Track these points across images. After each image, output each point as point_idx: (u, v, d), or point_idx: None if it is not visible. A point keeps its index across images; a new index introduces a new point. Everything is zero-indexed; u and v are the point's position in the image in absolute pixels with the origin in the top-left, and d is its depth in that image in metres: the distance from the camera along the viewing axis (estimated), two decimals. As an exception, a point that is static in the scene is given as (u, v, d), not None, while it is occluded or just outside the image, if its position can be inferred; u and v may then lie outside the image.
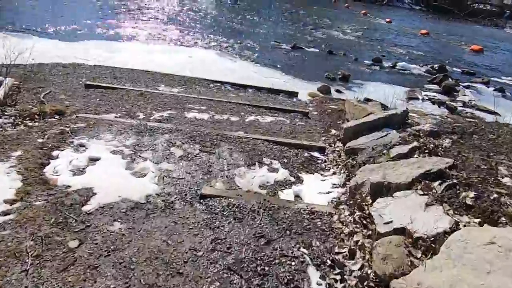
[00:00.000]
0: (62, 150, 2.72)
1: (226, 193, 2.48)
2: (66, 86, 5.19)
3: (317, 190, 2.72)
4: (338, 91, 7.60)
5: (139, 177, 2.55)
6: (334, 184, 2.82)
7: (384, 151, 2.79)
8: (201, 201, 2.38)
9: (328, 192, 2.67)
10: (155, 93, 5.15)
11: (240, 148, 3.37)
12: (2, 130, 2.92)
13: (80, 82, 5.40)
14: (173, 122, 4.13)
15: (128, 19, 11.45)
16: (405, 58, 12.18)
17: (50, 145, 2.74)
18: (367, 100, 6.65)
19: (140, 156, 2.88)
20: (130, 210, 2.17)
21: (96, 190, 2.24)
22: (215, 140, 3.48)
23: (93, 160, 2.67)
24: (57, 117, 3.68)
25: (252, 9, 18.87)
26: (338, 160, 3.39)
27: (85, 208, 2.08)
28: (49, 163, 2.51)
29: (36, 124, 3.20)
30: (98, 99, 4.66)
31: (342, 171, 3.07)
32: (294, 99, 6.47)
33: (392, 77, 9.64)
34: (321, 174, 3.06)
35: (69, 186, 2.26)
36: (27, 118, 3.25)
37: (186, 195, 2.43)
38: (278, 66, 8.98)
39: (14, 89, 4.59)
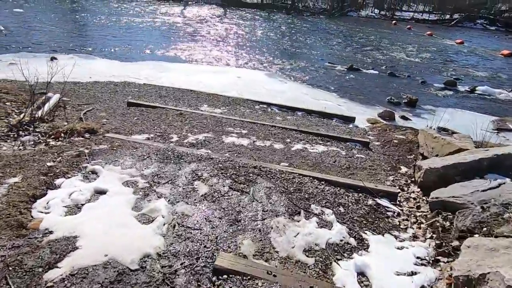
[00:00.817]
0: (68, 178, 2.32)
1: (251, 269, 1.72)
2: (110, 103, 5.12)
3: (393, 266, 1.79)
4: (403, 117, 6.45)
5: (144, 223, 1.97)
6: (418, 257, 1.87)
7: (505, 215, 1.78)
8: (214, 278, 1.67)
9: (412, 273, 1.73)
10: (195, 114, 4.75)
11: (282, 188, 2.63)
12: (20, 149, 2.68)
13: (125, 100, 5.31)
14: (208, 146, 3.59)
15: (182, 41, 11.90)
16: (487, 81, 10.34)
17: (58, 171, 2.36)
18: (443, 129, 5.42)
19: (155, 191, 2.33)
20: (109, 284, 1.56)
21: (80, 243, 1.69)
22: (251, 174, 2.80)
23: (99, 193, 2.20)
24: (87, 135, 3.40)
25: (305, 30, 18.58)
26: (418, 214, 2.42)
27: (49, 275, 1.49)
28: (44, 195, 2.09)
29: (58, 143, 2.93)
30: (135, 118, 4.40)
31: (428, 235, 2.11)
32: (351, 125, 5.56)
33: (472, 103, 8.07)
34: (396, 237, 2.13)
35: (50, 233, 1.74)
36: (52, 137, 3.00)
37: (197, 260, 1.72)
38: (332, 88, 8.16)
39: (59, 105, 4.59)
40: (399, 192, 2.83)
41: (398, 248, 1.98)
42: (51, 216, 1.85)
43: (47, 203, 1.97)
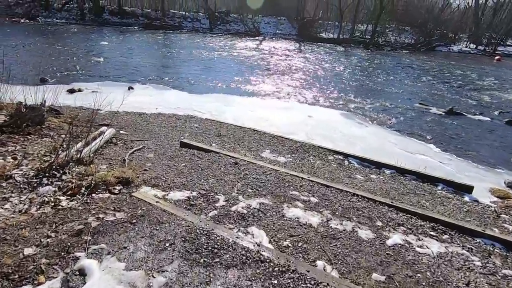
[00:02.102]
0: (37, 286, 1.52)
1: None
2: (164, 141, 4.62)
3: None
4: (550, 192, 4.41)
5: None
6: None
7: None
8: None
9: None
10: (252, 165, 3.83)
11: None
12: (21, 211, 2.10)
13: (181, 138, 4.77)
14: (261, 222, 2.56)
15: (253, 74, 11.65)
16: None
17: (30, 267, 1.60)
18: None
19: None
20: None
21: None
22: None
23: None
24: (117, 189, 2.74)
25: (386, 66, 16.84)
26: None
27: None
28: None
29: (71, 203, 2.30)
30: (183, 164, 3.70)
31: None
32: (467, 198, 3.90)
33: None
34: None
35: None
36: (68, 193, 2.39)
37: None
38: (428, 137, 6.45)
39: (111, 141, 4.23)
40: None
41: None
42: None
43: None
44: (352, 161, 4.67)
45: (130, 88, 8.22)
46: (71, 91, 7.40)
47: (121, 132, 4.83)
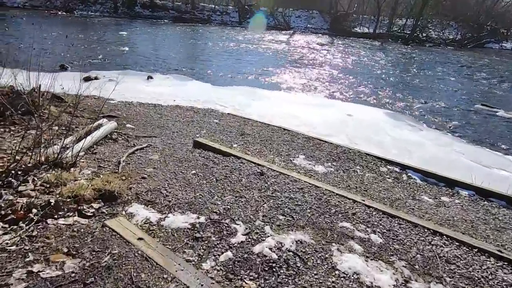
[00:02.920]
0: None
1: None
2: (176, 139, 3.81)
3: None
4: None
5: None
6: None
7: None
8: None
9: None
10: (284, 177, 2.89)
11: None
12: None
13: (196, 136, 3.94)
14: (299, 282, 1.61)
15: (282, 68, 10.63)
16: None
17: None
18: None
19: None
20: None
21: None
22: None
23: None
24: (96, 206, 1.93)
25: (431, 62, 15.03)
26: None
27: None
28: None
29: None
30: (193, 172, 2.85)
31: None
32: None
33: None
34: None
35: None
36: (9, 217, 1.60)
37: None
38: (504, 146, 5.12)
39: (112, 137, 3.48)
40: None
41: None
42: None
43: None
44: (413, 175, 3.58)
45: (149, 77, 7.57)
46: (87, 79, 6.87)
47: (128, 126, 4.09)
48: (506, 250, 2.11)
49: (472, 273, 1.85)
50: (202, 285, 1.45)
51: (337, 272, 1.72)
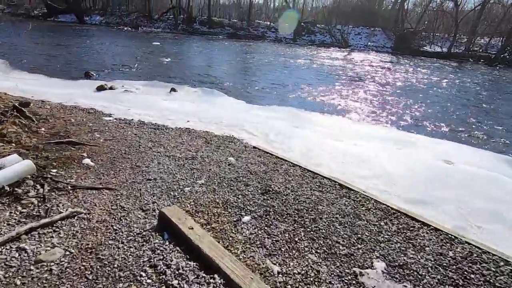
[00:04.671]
0: None
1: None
2: (142, 200, 2.19)
3: None
4: None
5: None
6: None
7: None
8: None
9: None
10: None
11: None
12: None
13: (176, 197, 2.26)
14: None
15: (336, 87, 8.63)
16: None
17: None
18: None
19: None
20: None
21: None
22: None
23: None
24: None
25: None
26: None
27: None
28: None
29: None
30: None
31: None
32: None
33: None
34: None
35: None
36: None
37: None
38: None
39: (15, 189, 1.96)
40: None
41: None
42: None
43: None
44: None
45: (172, 90, 6.28)
46: (100, 88, 5.82)
47: (85, 162, 2.60)
48: None
49: None
50: None
51: None
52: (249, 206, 2.26)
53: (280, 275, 1.64)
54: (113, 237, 1.76)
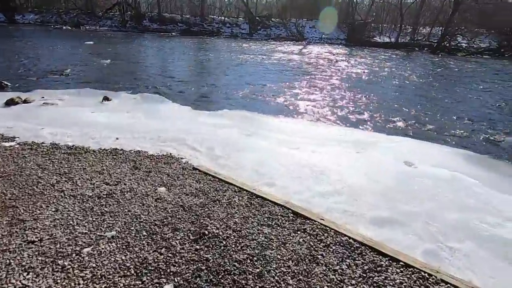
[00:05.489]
0: None
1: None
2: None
3: None
4: None
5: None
6: None
7: None
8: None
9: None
10: None
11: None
12: None
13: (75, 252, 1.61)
14: None
15: (292, 84, 8.31)
16: None
17: None
18: None
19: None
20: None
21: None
22: None
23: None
24: None
25: (478, 74, 12.28)
26: None
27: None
28: None
29: None
30: None
31: None
32: None
33: None
34: None
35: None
36: None
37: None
38: None
39: None
40: None
41: None
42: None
43: None
44: None
45: (105, 99, 5.40)
46: (10, 103, 4.77)
47: None
48: None
49: None
50: None
51: None
52: (174, 266, 1.68)
53: None
54: None
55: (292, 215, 2.24)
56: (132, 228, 1.98)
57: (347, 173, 3.13)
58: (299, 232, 2.04)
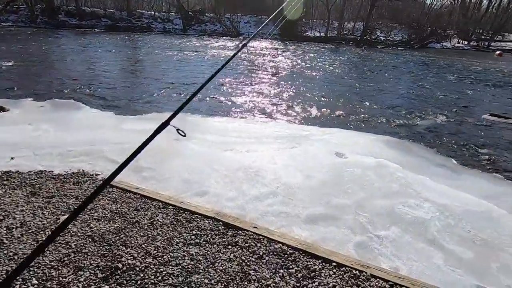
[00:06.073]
0: None
1: None
2: None
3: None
4: None
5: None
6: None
7: None
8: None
9: None
10: None
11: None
12: None
13: None
14: None
15: (232, 82, 8.15)
16: None
17: None
18: None
19: None
20: None
21: None
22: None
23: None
24: None
25: (394, 63, 13.78)
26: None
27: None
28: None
29: None
30: None
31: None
32: None
33: None
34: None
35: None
36: None
37: None
38: None
39: None
40: None
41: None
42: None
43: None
44: None
45: (0, 109, 4.46)
46: None
47: None
48: None
49: None
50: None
51: None
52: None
53: None
54: None
55: (223, 227, 2.05)
56: (18, 278, 1.56)
57: (283, 171, 3.07)
58: (230, 247, 1.86)
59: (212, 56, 13.38)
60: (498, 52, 25.11)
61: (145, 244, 1.85)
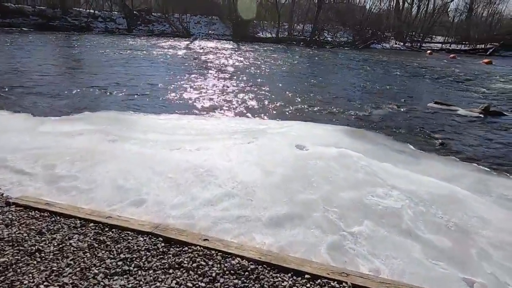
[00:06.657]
0: None
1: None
2: None
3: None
4: None
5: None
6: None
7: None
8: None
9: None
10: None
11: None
12: None
13: None
14: None
15: (175, 78, 7.53)
16: None
17: None
18: None
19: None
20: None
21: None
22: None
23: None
24: None
25: (341, 61, 14.33)
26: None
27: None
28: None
29: None
30: None
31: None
32: None
33: None
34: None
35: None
36: None
37: None
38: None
39: None
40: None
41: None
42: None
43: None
44: None
45: None
46: None
47: None
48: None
49: None
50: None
51: None
52: None
53: None
54: None
55: (163, 244, 1.57)
56: None
57: (239, 168, 2.67)
58: (171, 271, 1.39)
59: (160, 55, 12.48)
60: (429, 51, 27.96)
61: (45, 283, 1.29)
